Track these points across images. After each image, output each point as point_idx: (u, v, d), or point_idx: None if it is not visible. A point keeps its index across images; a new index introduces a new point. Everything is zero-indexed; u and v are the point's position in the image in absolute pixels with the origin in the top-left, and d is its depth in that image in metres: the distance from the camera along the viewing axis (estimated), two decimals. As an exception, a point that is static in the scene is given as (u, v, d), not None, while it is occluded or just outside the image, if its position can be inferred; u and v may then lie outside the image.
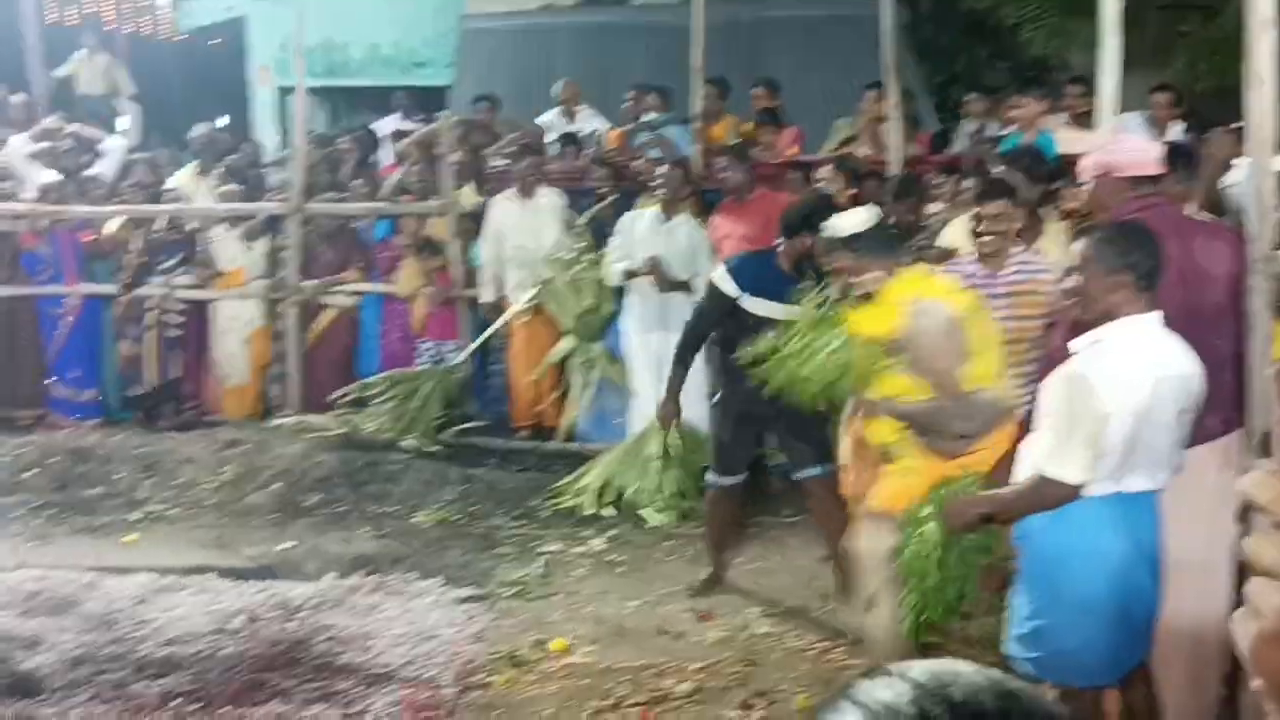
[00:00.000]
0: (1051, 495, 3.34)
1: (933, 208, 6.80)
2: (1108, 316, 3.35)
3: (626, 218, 7.45)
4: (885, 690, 0.83)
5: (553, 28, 12.93)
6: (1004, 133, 8.41)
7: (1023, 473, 3.47)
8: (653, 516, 6.74)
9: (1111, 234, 3.46)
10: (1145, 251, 3.35)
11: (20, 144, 9.55)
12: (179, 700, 4.61)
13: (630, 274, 7.24)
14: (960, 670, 0.84)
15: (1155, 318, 3.35)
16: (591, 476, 7.01)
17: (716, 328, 5.45)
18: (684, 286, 7.13)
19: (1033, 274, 4.99)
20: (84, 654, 5.01)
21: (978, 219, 5.09)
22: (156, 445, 7.91)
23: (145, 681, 4.77)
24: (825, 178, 7.18)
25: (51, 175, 9.11)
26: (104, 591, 5.68)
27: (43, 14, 12.83)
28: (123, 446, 7.90)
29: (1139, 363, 3.28)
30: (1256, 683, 3.22)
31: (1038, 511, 3.41)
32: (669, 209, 7.25)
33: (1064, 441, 3.30)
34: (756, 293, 5.24)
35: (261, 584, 5.82)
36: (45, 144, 9.61)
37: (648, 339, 7.29)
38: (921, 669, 0.84)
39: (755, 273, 5.32)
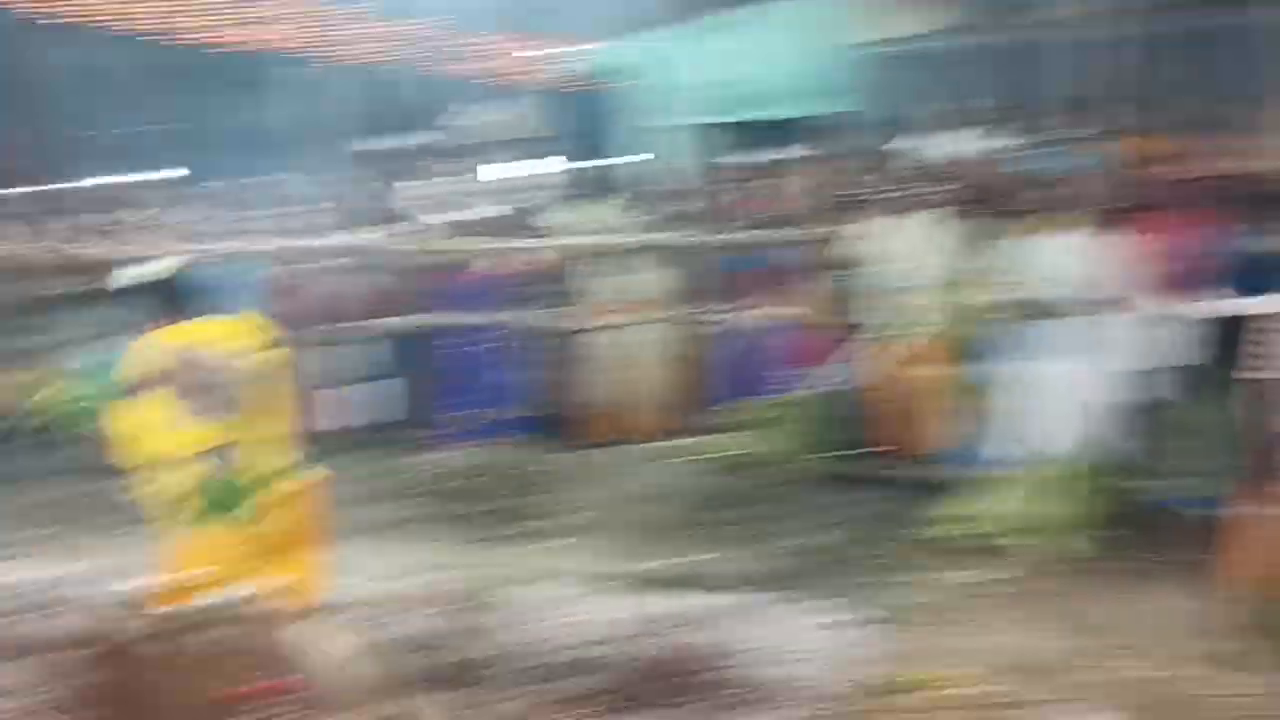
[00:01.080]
0: None
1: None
2: None
3: (1032, 239, 7.21)
4: None
5: (957, 50, 12.65)
6: None
7: None
8: (1070, 547, 6.46)
9: None
10: None
11: (427, 186, 10.43)
12: (592, 700, 4.91)
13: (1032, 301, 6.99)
14: None
15: None
16: (985, 503, 6.81)
17: None
18: (1069, 310, 6.83)
19: None
20: (502, 653, 5.42)
21: None
22: (564, 462, 8.44)
23: (558, 682, 5.11)
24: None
25: (471, 214, 9.92)
26: (519, 595, 6.13)
27: (456, 67, 14.01)
28: (527, 463, 8.48)
29: None
30: None
31: None
32: (1088, 226, 6.95)
33: None
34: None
35: (657, 597, 6.08)
36: (468, 185, 10.50)
37: (1042, 364, 7.03)
38: None
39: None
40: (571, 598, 6.10)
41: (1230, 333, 5.14)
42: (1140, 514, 6.76)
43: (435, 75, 13.21)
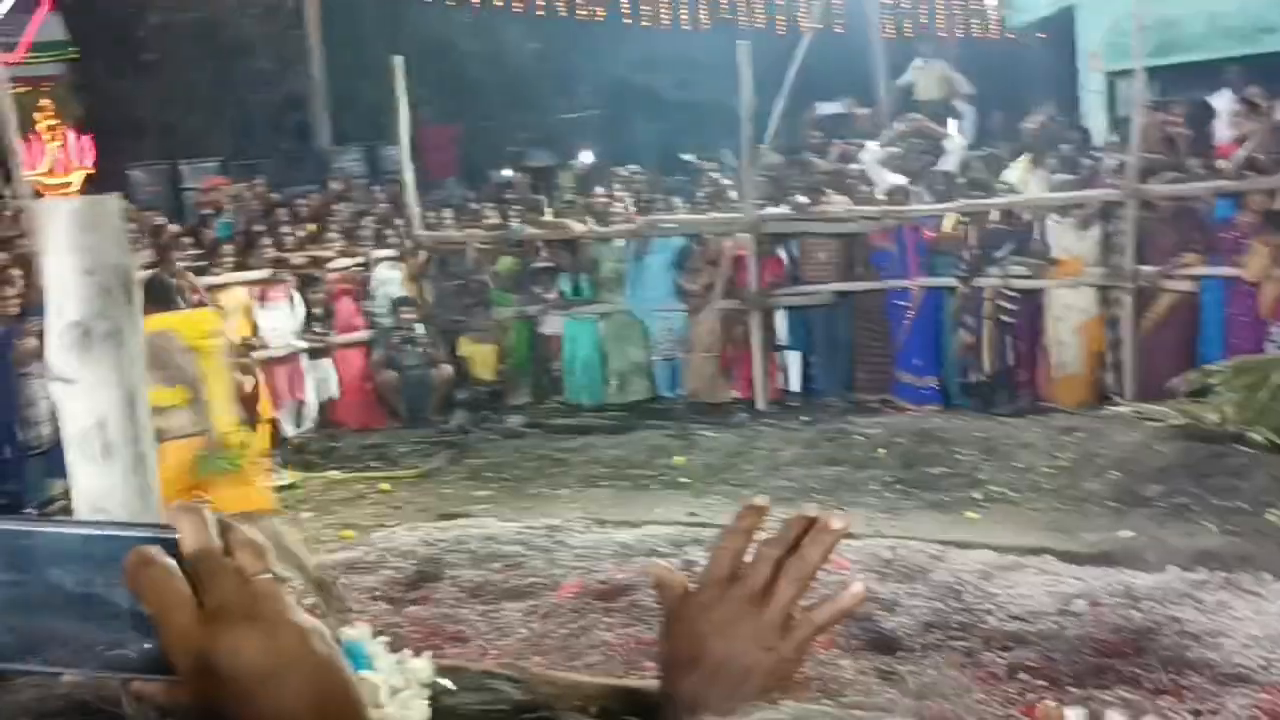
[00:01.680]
0: None
1: None
2: None
3: None
4: None
5: None
6: None
7: None
8: None
9: None
10: None
11: (872, 151, 10.45)
12: (1025, 673, 4.78)
13: None
14: None
15: None
16: None
17: None
18: None
19: None
20: (935, 620, 5.38)
21: None
22: (994, 430, 8.22)
23: (992, 652, 5.02)
24: None
25: (898, 178, 9.85)
26: (950, 564, 6.04)
27: (880, 29, 13.93)
28: (962, 430, 8.31)
29: None
30: None
31: None
32: None
33: None
34: None
35: (1101, 570, 5.82)
36: (893, 149, 10.42)
37: None
38: None
39: None
40: (1005, 569, 5.95)
41: None
42: None
43: (869, 37, 13.24)
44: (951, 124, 11.52)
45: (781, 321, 9.80)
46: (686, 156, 12.31)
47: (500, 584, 5.88)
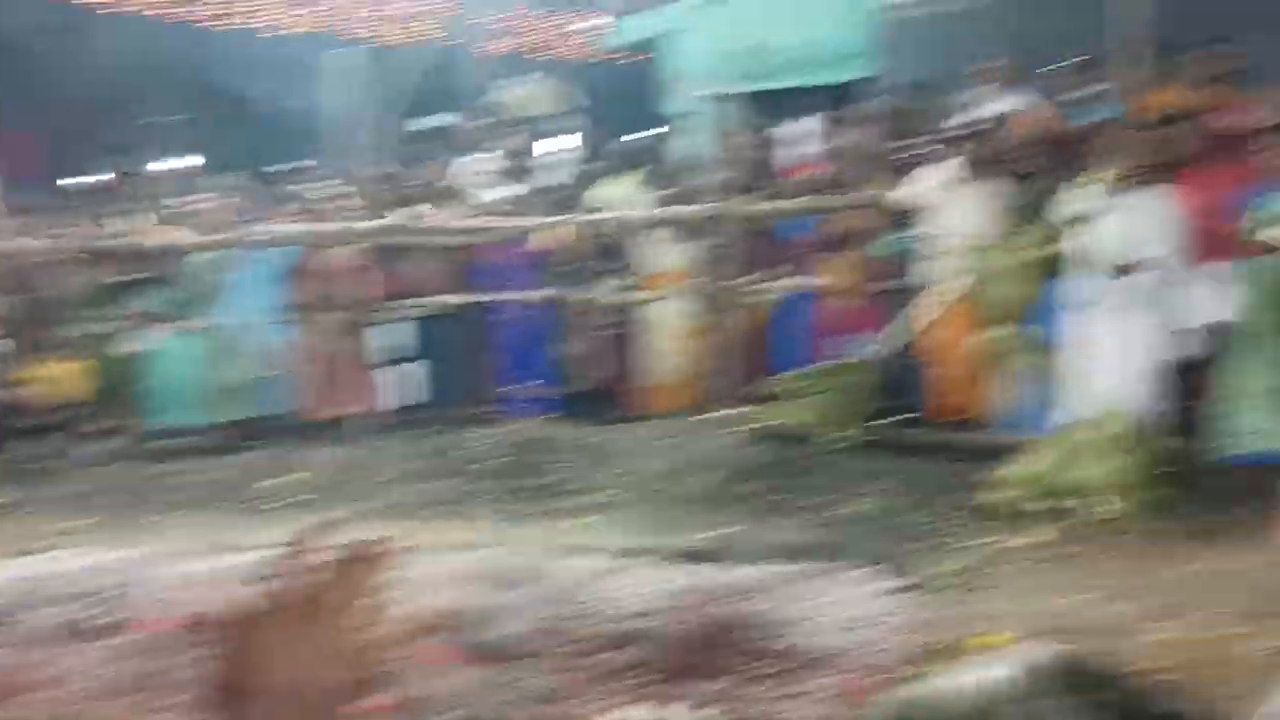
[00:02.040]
0: None
1: None
2: None
3: (1081, 194, 7.14)
4: None
5: (977, 8, 12.57)
6: None
7: None
8: (1120, 507, 6.42)
9: None
10: None
11: (480, 163, 10.50)
12: (636, 672, 4.91)
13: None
14: None
15: None
16: (1030, 466, 6.77)
17: None
18: (1143, 266, 6.79)
19: None
20: (547, 626, 5.44)
21: None
22: (602, 437, 8.44)
23: (603, 654, 5.12)
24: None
25: (506, 191, 9.96)
26: (562, 570, 6.14)
27: (486, 44, 14.08)
28: (573, 438, 8.49)
29: None
30: None
31: None
32: (1129, 183, 6.89)
33: None
34: None
35: (703, 566, 6.09)
36: (500, 163, 10.52)
37: (1094, 322, 6.97)
38: None
39: None
40: (615, 570, 6.11)
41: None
42: (1191, 473, 6.72)
43: (468, 52, 13.26)
44: (557, 139, 11.78)
45: (393, 334, 9.65)
46: (290, 165, 11.89)
47: (79, 623, 5.41)
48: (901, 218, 8.49)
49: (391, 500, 7.68)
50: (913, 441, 7.90)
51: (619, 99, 15.60)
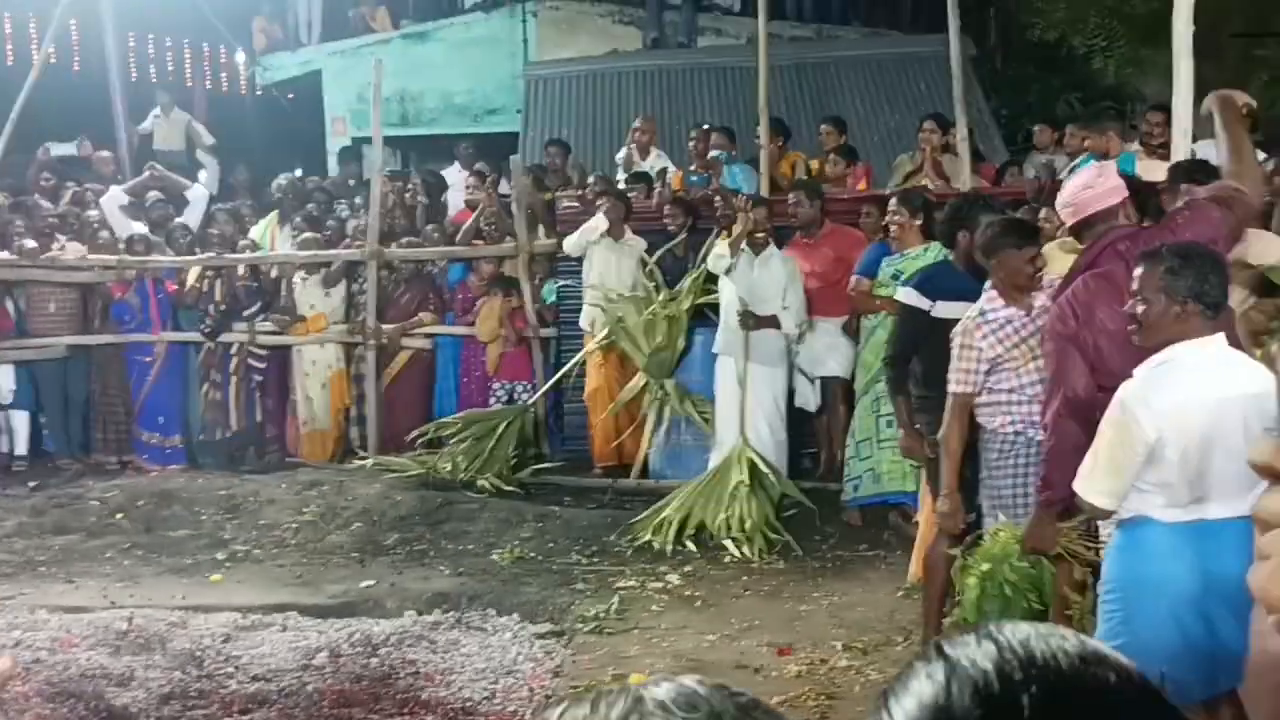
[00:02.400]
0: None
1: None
2: (1169, 344, 3.33)
3: (719, 252, 7.50)
4: (971, 647, 0.84)
5: (619, 72, 13.09)
6: (1075, 163, 8.38)
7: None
8: (736, 548, 6.73)
9: (1179, 262, 3.36)
10: (1213, 279, 3.32)
11: (114, 197, 9.85)
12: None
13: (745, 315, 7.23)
14: (1053, 633, 0.84)
15: (1219, 339, 3.32)
16: (670, 511, 7.02)
17: (915, 351, 5.36)
18: (772, 322, 7.21)
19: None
20: (173, 690, 5.12)
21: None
22: (240, 488, 8.06)
23: (233, 717, 4.87)
24: (892, 210, 7.16)
25: (138, 227, 9.38)
26: (191, 629, 5.80)
27: (127, 71, 13.27)
28: (207, 489, 8.06)
29: (1200, 386, 3.25)
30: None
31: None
32: (756, 245, 7.30)
33: (1096, 465, 3.36)
34: (946, 298, 5.23)
35: (344, 621, 5.92)
36: (134, 197, 9.91)
37: (731, 373, 7.34)
38: (1014, 630, 0.85)
39: (938, 282, 5.37)
40: (248, 629, 5.83)
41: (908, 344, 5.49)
42: (818, 515, 7.17)
43: (108, 79, 12.42)
44: (196, 175, 11.26)
45: (5, 378, 8.86)
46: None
47: None
48: (555, 267, 8.68)
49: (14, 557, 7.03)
50: (562, 488, 8.03)
51: (267, 136, 15.14)
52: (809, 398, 7.70)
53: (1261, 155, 7.40)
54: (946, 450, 4.72)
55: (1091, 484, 3.38)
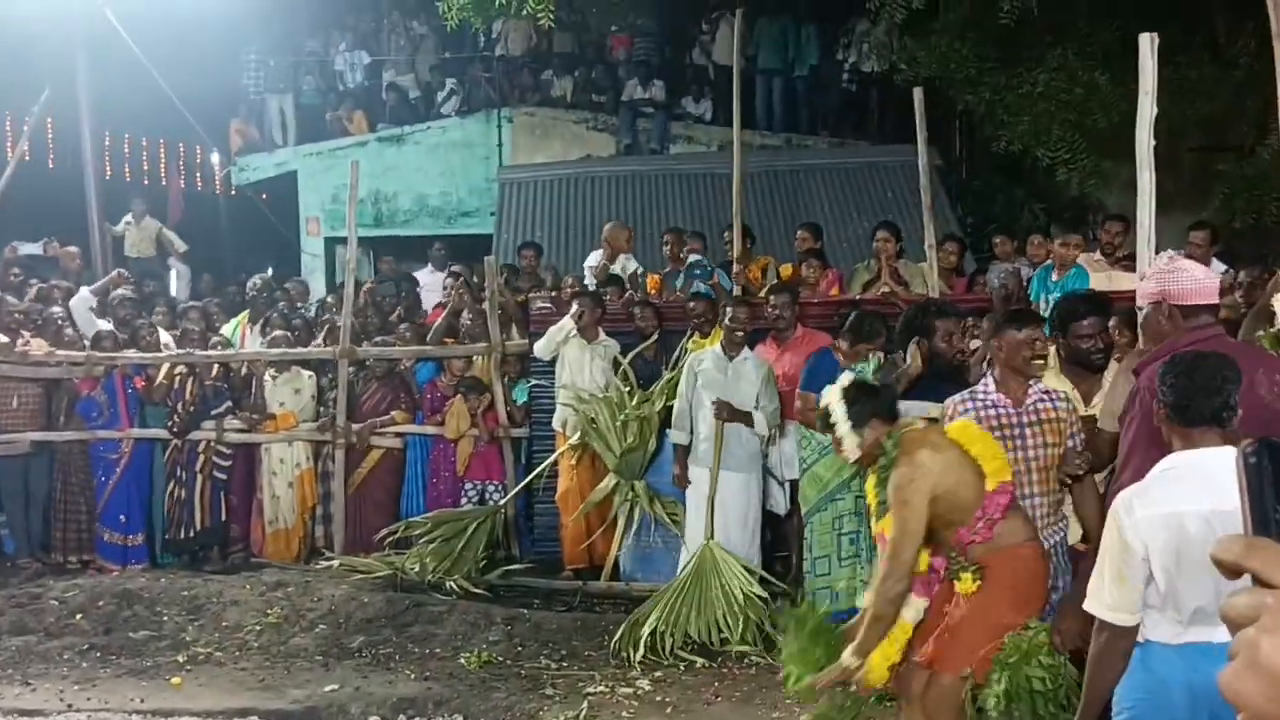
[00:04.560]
0: (1107, 636, 3.29)
1: (974, 344, 6.85)
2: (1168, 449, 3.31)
3: (692, 356, 7.54)
4: None
5: (591, 176, 13.29)
6: (1035, 271, 8.54)
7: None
8: (733, 652, 6.65)
9: (1175, 371, 3.33)
10: (1211, 387, 3.25)
11: (83, 299, 9.83)
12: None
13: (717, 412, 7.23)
14: None
15: (1213, 453, 3.18)
16: (648, 615, 6.89)
17: None
18: (747, 419, 7.21)
19: (1052, 402, 4.75)
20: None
21: (1023, 343, 4.96)
22: (203, 588, 7.92)
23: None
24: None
25: (105, 324, 9.35)
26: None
27: (103, 170, 13.35)
28: (169, 590, 7.91)
29: (1171, 499, 3.14)
30: None
31: (1110, 653, 3.29)
32: (731, 347, 7.35)
33: (1102, 578, 3.26)
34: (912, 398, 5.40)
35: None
36: (99, 297, 9.90)
37: (702, 475, 7.31)
38: None
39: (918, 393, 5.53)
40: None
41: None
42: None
43: (78, 178, 12.49)
44: (167, 281, 11.28)
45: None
46: None
47: None
48: (527, 367, 8.68)
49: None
50: (532, 590, 7.93)
51: (241, 235, 15.22)
52: (779, 500, 7.68)
53: (1221, 267, 7.61)
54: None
55: (1101, 600, 3.25)
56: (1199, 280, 4.13)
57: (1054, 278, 8.15)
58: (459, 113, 14.88)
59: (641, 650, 6.68)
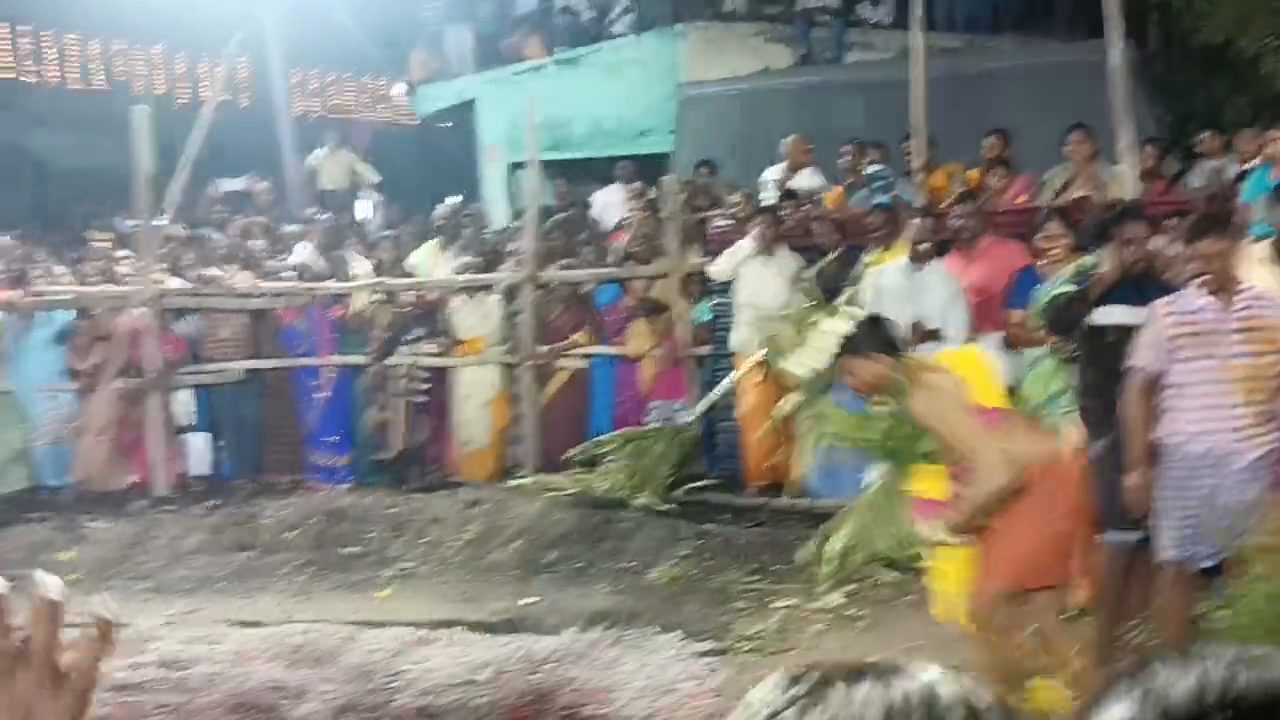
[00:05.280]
0: None
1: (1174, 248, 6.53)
2: None
3: (873, 270, 7.42)
4: (1173, 671, 0.80)
5: (770, 90, 13.06)
6: (1246, 167, 8.06)
7: None
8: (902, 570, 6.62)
9: None
10: None
11: (286, 229, 10.27)
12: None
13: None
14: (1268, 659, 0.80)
15: None
16: (835, 531, 6.89)
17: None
18: (935, 336, 7.07)
19: (1263, 309, 4.59)
20: (347, 703, 5.28)
21: (1194, 258, 4.78)
22: (405, 506, 8.28)
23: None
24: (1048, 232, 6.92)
25: (310, 255, 9.76)
26: (362, 644, 5.98)
27: (293, 107, 13.83)
28: (374, 508, 8.29)
29: None
30: None
31: None
32: (919, 257, 7.21)
33: None
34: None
35: (506, 638, 6.02)
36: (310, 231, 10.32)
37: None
38: (1222, 655, 0.79)
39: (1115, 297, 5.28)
40: (418, 644, 5.98)
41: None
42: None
43: (274, 114, 13.00)
44: (360, 206, 11.64)
45: (184, 402, 9.28)
46: (84, 224, 11.36)
47: None
48: (708, 286, 8.69)
49: (181, 575, 7.36)
50: (718, 506, 8.01)
51: (426, 164, 15.56)
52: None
53: None
54: (1127, 424, 4.64)
55: None
56: None
57: (1272, 175, 7.65)
58: (634, 30, 14.80)
59: (831, 565, 6.69)
